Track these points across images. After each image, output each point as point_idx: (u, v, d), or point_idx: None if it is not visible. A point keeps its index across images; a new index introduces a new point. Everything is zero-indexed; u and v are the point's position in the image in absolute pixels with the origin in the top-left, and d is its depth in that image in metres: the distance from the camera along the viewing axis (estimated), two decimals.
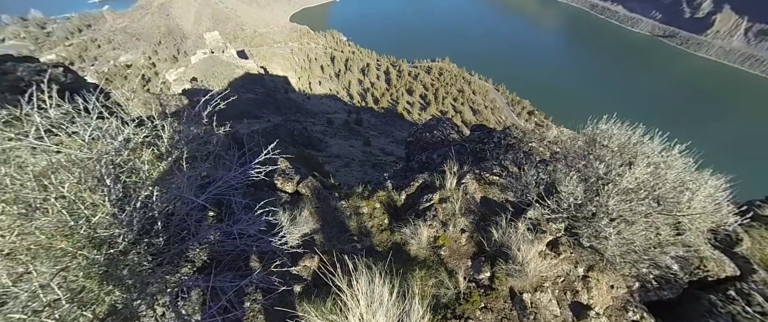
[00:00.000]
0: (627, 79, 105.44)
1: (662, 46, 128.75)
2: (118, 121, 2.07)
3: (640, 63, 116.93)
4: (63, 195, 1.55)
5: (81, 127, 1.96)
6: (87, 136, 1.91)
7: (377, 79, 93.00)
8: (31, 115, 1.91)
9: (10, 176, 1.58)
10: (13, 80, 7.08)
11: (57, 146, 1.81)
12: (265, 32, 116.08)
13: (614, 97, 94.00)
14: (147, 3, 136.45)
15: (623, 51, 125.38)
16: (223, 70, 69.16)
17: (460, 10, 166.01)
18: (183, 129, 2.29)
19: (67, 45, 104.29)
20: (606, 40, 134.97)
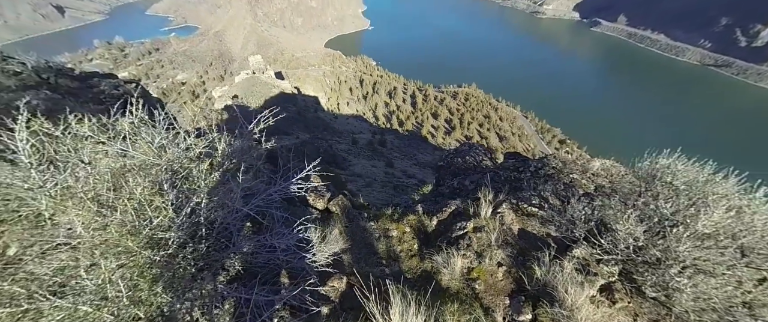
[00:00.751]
0: (675, 109, 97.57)
1: (715, 76, 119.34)
2: (183, 132, 2.31)
3: (691, 92, 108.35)
4: (135, 197, 1.70)
5: (151, 136, 2.20)
6: (156, 144, 2.13)
7: (403, 102, 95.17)
8: (118, 124, 2.17)
9: (93, 175, 1.80)
10: (96, 93, 8.22)
11: (135, 152, 2.02)
12: (301, 56, 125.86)
13: (659, 128, 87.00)
14: (205, 31, 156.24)
15: (669, 80, 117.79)
16: (261, 89, 75.08)
17: (488, 38, 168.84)
18: (235, 142, 2.48)
19: (137, 64, 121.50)
20: (648, 69, 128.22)
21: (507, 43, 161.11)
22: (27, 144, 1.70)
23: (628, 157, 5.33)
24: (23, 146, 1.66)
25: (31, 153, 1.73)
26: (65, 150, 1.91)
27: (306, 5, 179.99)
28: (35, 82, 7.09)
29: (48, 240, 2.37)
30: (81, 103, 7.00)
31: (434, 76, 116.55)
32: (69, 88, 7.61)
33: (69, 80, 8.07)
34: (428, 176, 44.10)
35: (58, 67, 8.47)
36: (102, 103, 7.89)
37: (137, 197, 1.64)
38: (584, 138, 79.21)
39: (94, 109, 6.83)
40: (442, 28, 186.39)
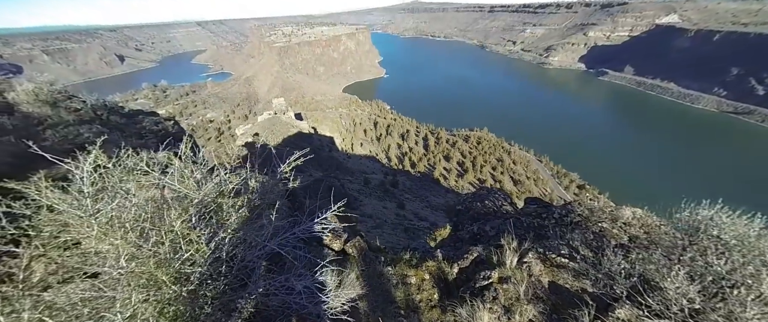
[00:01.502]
0: (699, 154, 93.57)
1: (738, 123, 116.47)
2: (218, 167, 2.45)
3: (714, 138, 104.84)
4: (173, 230, 1.75)
5: (190, 170, 2.35)
6: (196, 178, 2.26)
7: (415, 145, 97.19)
8: (162, 158, 2.34)
9: (137, 205, 1.89)
10: (139, 128, 9.02)
11: (178, 185, 2.14)
12: (320, 99, 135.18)
13: (684, 175, 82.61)
14: (238, 77, 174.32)
15: (688, 126, 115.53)
16: (281, 128, 79.50)
17: (498, 85, 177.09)
18: (264, 181, 2.58)
19: (175, 103, 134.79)
20: (663, 115, 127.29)
21: (516, 90, 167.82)
22: (89, 175, 1.84)
23: (655, 204, 4.97)
24: (87, 177, 1.79)
25: (90, 183, 1.85)
26: (115, 181, 2.06)
27: (328, 56, 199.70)
28: (90, 118, 7.96)
29: (76, 268, 2.40)
30: (125, 136, 7.70)
31: (446, 120, 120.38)
32: (117, 123, 8.46)
33: (118, 117, 9.01)
34: (440, 219, 42.58)
35: (111, 106, 9.54)
36: (142, 138, 8.63)
37: (176, 229, 1.69)
38: (604, 183, 75.90)
39: (136, 143, 7.44)
40: (453, 76, 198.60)
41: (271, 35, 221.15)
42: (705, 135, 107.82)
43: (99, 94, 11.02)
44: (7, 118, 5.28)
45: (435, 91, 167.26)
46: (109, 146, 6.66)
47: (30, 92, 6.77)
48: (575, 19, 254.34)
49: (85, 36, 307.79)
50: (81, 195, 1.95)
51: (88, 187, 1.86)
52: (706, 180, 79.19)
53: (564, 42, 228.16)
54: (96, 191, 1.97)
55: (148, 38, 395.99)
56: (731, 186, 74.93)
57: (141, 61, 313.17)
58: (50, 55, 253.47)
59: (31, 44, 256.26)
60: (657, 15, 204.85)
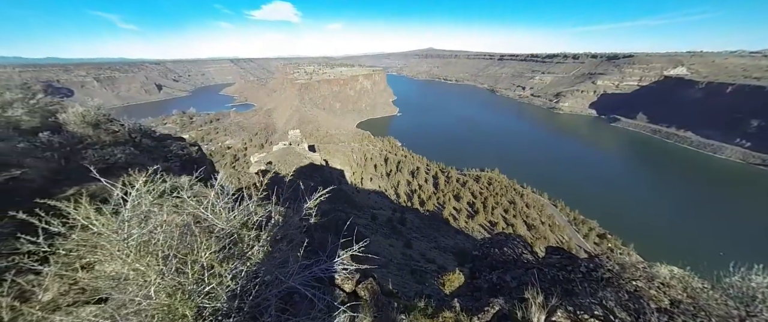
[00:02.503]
0: (730, 208, 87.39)
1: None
2: (247, 200, 2.50)
3: (745, 192, 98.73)
4: (200, 261, 1.73)
5: (219, 200, 2.41)
6: (227, 210, 2.30)
7: (425, 182, 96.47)
8: (195, 186, 2.42)
9: (165, 231, 1.92)
10: (166, 152, 9.50)
11: (211, 216, 2.17)
12: (334, 133, 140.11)
13: (715, 229, 76.34)
14: (260, 108, 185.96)
15: (714, 177, 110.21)
16: (294, 158, 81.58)
17: (509, 128, 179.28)
18: (287, 215, 2.59)
19: (198, 129, 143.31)
20: (685, 164, 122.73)
21: (528, 133, 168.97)
22: (135, 199, 1.90)
23: (686, 259, 4.53)
24: (132, 200, 1.85)
25: (132, 206, 1.91)
26: (147, 205, 2.12)
27: (345, 93, 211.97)
28: (125, 140, 8.50)
29: (91, 290, 2.37)
30: (153, 159, 8.09)
31: (456, 159, 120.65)
32: (148, 146, 8.98)
33: (150, 140, 9.59)
34: (449, 263, 40.17)
35: (145, 130, 10.22)
36: (168, 160, 9.05)
37: (203, 260, 1.67)
38: (627, 234, 71.01)
39: (162, 166, 7.80)
40: (464, 117, 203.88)
41: (295, 73, 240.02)
42: (734, 186, 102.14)
43: (135, 118, 11.92)
44: (55, 136, 5.73)
45: (446, 131, 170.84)
46: (136, 168, 6.97)
47: (78, 114, 7.43)
48: (582, 68, 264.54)
49: (132, 67, 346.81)
50: (116, 217, 2.00)
51: (129, 211, 1.91)
52: (742, 236, 72.83)
53: (573, 89, 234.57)
54: (132, 215, 2.02)
55: (186, 71, 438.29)
56: (761, 239, 68.47)
57: (176, 90, 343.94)
58: (100, 81, 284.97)
59: (85, 72, 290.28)
60: (664, 67, 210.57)
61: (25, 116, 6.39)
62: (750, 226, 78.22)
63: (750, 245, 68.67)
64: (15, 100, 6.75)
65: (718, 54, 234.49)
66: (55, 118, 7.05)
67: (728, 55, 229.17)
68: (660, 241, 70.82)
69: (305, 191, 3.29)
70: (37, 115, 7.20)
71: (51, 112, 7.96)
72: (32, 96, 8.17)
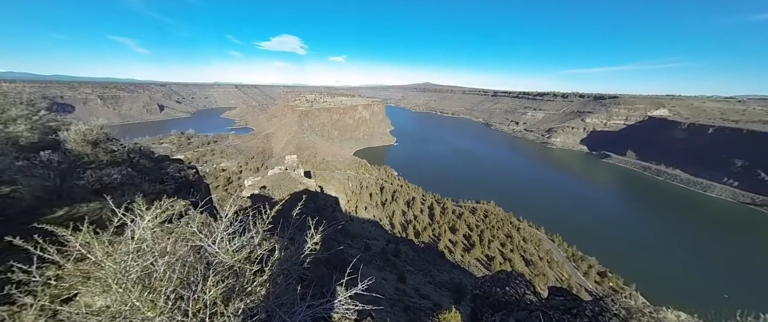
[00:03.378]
0: (731, 248, 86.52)
1: (759, 214, 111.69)
2: (251, 230, 2.44)
3: (738, 230, 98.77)
4: (203, 299, 1.63)
5: (223, 232, 2.35)
6: (229, 242, 2.23)
7: (421, 213, 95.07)
8: (211, 224, 2.38)
9: (167, 263, 1.83)
10: (162, 173, 9.36)
11: (218, 250, 2.10)
12: (331, 160, 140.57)
13: (714, 269, 74.87)
14: (259, 132, 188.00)
15: (707, 215, 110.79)
16: (289, 184, 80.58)
17: (504, 160, 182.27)
18: (290, 250, 2.51)
19: (195, 150, 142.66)
20: (679, 204, 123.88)
21: (522, 166, 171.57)
22: (142, 231, 1.83)
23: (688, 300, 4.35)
24: (136, 230, 1.78)
25: (138, 238, 1.83)
26: (149, 237, 2.05)
27: (344, 122, 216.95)
28: (122, 160, 8.41)
29: None
30: (149, 180, 7.95)
31: (452, 190, 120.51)
32: (145, 167, 8.87)
33: (147, 161, 9.51)
34: (444, 299, 38.04)
35: (145, 150, 10.18)
36: (163, 183, 8.88)
37: (206, 298, 1.56)
38: (627, 271, 69.18)
39: (158, 188, 7.63)
40: (460, 148, 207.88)
41: (296, 100, 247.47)
42: (728, 225, 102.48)
43: (132, 136, 11.91)
44: (55, 154, 5.67)
45: (442, 162, 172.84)
46: (131, 189, 6.81)
47: (80, 132, 7.43)
48: (572, 106, 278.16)
49: (138, 87, 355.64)
50: (114, 244, 1.93)
51: (134, 242, 1.83)
52: (744, 277, 71.30)
53: (564, 125, 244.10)
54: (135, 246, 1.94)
55: (191, 94, 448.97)
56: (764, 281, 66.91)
57: (178, 111, 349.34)
58: (103, 99, 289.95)
59: (90, 90, 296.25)
60: (648, 108, 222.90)
61: (27, 132, 6.37)
62: (751, 266, 77.12)
63: (752, 287, 67.15)
64: (19, 117, 6.78)
65: (695, 98, 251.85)
66: (56, 135, 7.03)
67: (705, 99, 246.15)
68: (662, 280, 68.94)
69: (306, 223, 3.24)
70: (37, 132, 7.18)
71: (52, 129, 7.96)
72: (36, 112, 8.22)
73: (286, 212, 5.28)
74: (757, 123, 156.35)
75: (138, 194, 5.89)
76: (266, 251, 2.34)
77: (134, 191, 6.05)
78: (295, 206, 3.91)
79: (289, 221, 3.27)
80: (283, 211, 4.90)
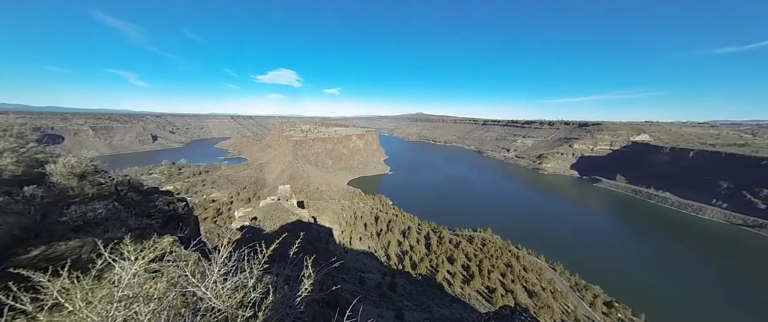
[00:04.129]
0: (730, 273, 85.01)
1: (752, 236, 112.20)
2: (247, 273, 2.27)
3: (736, 253, 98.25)
4: None
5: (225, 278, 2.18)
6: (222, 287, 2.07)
7: (417, 243, 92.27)
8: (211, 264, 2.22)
9: (152, 312, 1.65)
10: (150, 207, 8.98)
11: (210, 294, 1.93)
12: (325, 190, 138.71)
13: (720, 294, 72.81)
14: (252, 162, 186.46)
15: (706, 240, 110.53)
16: (281, 214, 78.20)
17: (497, 187, 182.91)
18: (284, 293, 2.33)
19: (185, 180, 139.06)
20: (672, 225, 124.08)
21: (516, 192, 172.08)
22: (131, 277, 1.67)
23: None
24: (128, 279, 1.62)
25: (126, 284, 1.66)
26: (135, 284, 1.87)
27: (338, 151, 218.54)
28: (109, 193, 8.08)
29: None
30: (136, 215, 7.57)
31: (448, 218, 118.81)
32: (132, 201, 8.51)
33: (136, 194, 9.16)
34: None
35: (134, 183, 9.86)
36: (151, 217, 8.47)
37: None
38: (633, 300, 66.57)
39: (144, 223, 7.25)
40: (454, 176, 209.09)
41: (291, 130, 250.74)
42: (726, 248, 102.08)
43: (119, 167, 11.57)
44: (39, 189, 5.42)
45: (437, 190, 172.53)
46: (115, 225, 6.46)
47: (68, 165, 7.21)
48: (558, 133, 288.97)
49: (132, 118, 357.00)
50: (94, 290, 1.75)
51: (119, 291, 1.65)
52: (753, 303, 69.26)
53: (553, 151, 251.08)
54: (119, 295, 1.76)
55: (185, 124, 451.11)
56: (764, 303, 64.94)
57: (171, 142, 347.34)
58: (95, 130, 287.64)
59: (83, 121, 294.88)
60: (630, 134, 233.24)
61: (12, 166, 6.14)
62: (751, 286, 75.57)
63: (761, 311, 65.18)
64: (6, 150, 6.58)
65: (672, 124, 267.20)
66: (43, 167, 6.79)
67: (681, 125, 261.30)
68: (670, 308, 66.36)
69: (299, 258, 3.06)
70: (23, 165, 6.94)
71: (39, 161, 7.72)
72: (24, 145, 8.02)
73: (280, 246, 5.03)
74: (733, 146, 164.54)
75: (123, 230, 5.57)
76: (260, 295, 2.16)
77: (119, 226, 5.74)
78: (290, 239, 3.73)
79: (285, 259, 3.10)
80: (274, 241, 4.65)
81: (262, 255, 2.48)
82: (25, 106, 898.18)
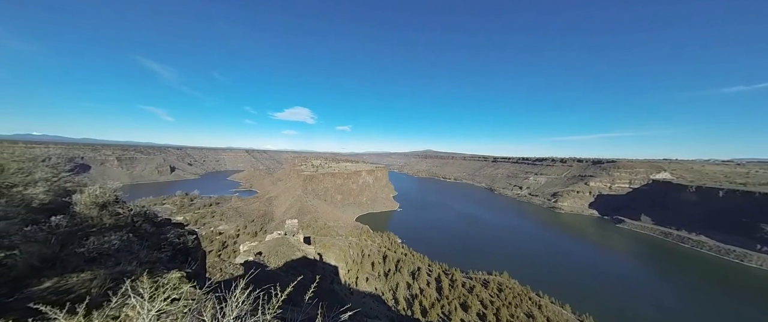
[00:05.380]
0: None
1: None
2: None
3: None
4: None
5: None
6: None
7: (427, 286, 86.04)
8: None
9: None
10: (162, 238, 8.97)
11: None
12: (332, 225, 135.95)
13: None
14: (262, 195, 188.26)
15: (757, 290, 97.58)
16: (287, 250, 76.07)
17: (513, 226, 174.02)
18: None
19: (195, 211, 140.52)
20: (717, 275, 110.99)
21: (533, 232, 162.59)
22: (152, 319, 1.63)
23: None
24: None
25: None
26: None
27: (348, 186, 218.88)
28: (125, 223, 8.20)
29: None
30: (147, 247, 7.55)
31: (459, 259, 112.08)
32: (146, 232, 8.56)
33: (149, 225, 9.25)
34: None
35: (148, 214, 10.02)
36: (161, 249, 8.41)
37: None
38: None
39: (155, 257, 7.19)
40: (465, 214, 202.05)
41: (302, 165, 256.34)
42: None
43: (136, 196, 11.83)
44: (64, 219, 5.58)
45: (448, 228, 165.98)
46: (127, 257, 6.42)
47: (93, 195, 7.49)
48: (572, 171, 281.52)
49: (155, 150, 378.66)
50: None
51: None
52: None
53: (568, 189, 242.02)
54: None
55: (203, 157, 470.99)
56: None
57: (187, 173, 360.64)
58: (120, 161, 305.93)
59: (111, 152, 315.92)
60: (649, 171, 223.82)
61: (42, 194, 6.44)
62: None
63: None
64: (41, 179, 6.98)
65: (694, 161, 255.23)
66: (69, 197, 7.07)
67: (704, 163, 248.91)
68: None
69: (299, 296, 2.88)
70: (52, 194, 7.26)
71: (67, 191, 8.07)
72: (57, 174, 8.49)
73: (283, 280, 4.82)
74: (767, 186, 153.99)
75: (134, 264, 5.51)
76: None
77: (130, 259, 5.71)
78: (304, 282, 3.55)
79: (293, 299, 2.96)
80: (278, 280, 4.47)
81: (276, 299, 2.37)
82: (63, 138, 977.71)
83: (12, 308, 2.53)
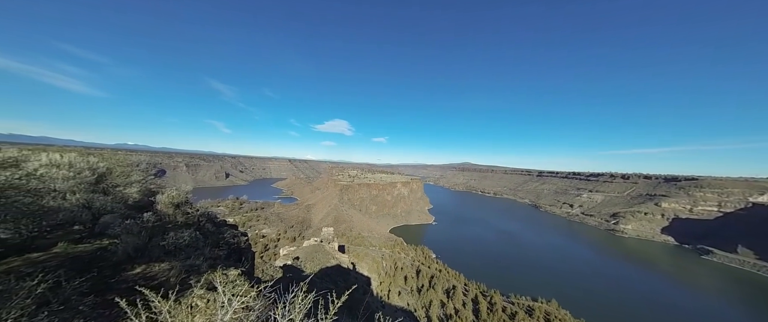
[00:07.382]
0: None
1: None
2: None
3: None
4: None
5: None
6: None
7: (463, 307, 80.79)
8: None
9: None
10: (220, 238, 10.02)
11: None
12: (367, 236, 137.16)
13: None
14: (301, 203, 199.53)
15: None
16: (322, 257, 78.40)
17: (562, 250, 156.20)
18: None
19: (243, 214, 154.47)
20: None
21: (588, 258, 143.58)
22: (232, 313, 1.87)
23: None
24: (231, 315, 1.80)
25: None
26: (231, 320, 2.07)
27: (382, 198, 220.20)
28: (192, 222, 9.41)
29: None
30: (209, 244, 8.55)
31: (499, 280, 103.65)
32: (208, 231, 9.70)
33: (211, 225, 10.46)
34: None
35: (211, 215, 11.34)
36: (219, 247, 9.44)
37: None
38: None
39: (215, 254, 8.09)
40: (506, 232, 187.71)
41: (339, 175, 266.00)
42: None
43: (197, 198, 13.47)
44: (153, 216, 6.64)
45: (487, 246, 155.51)
46: (194, 252, 7.24)
47: (170, 196, 8.78)
48: (637, 189, 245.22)
49: (215, 158, 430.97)
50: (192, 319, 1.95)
51: None
52: None
53: (634, 210, 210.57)
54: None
55: (252, 165, 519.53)
56: None
57: (239, 179, 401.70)
58: (188, 167, 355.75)
59: (182, 159, 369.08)
60: (747, 192, 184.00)
61: (136, 194, 7.78)
62: None
63: None
64: (136, 181, 8.46)
65: None
66: (153, 197, 8.44)
67: None
68: None
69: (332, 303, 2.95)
70: (141, 194, 8.70)
71: (151, 191, 9.59)
72: (146, 177, 10.17)
73: (318, 286, 4.95)
74: None
75: (201, 259, 6.20)
76: None
77: (197, 254, 6.47)
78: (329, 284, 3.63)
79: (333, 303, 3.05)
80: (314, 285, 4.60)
81: (333, 306, 2.49)
82: (148, 147, 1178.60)
83: (114, 288, 3.04)
